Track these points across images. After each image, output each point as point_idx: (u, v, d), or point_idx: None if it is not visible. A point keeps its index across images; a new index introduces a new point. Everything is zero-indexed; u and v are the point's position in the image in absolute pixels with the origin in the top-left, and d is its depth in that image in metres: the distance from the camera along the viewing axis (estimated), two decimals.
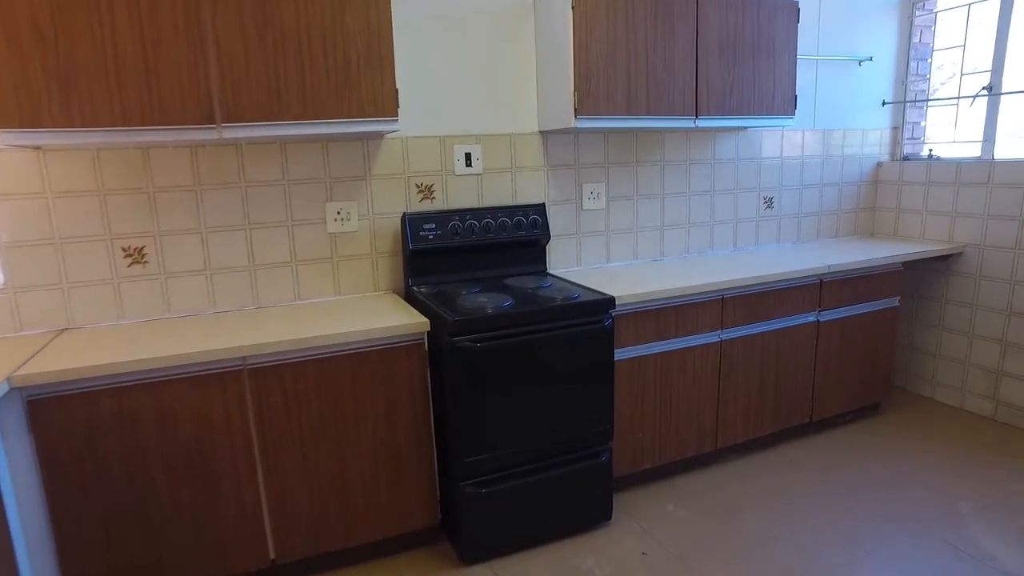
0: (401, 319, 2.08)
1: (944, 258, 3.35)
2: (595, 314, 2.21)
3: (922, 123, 3.65)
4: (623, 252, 3.01)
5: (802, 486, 2.67)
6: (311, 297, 2.45)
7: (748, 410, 2.84)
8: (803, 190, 3.46)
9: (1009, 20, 3.16)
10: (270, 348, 1.88)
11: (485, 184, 2.67)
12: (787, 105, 2.87)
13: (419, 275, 2.50)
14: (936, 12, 3.50)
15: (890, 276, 3.13)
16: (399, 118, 2.14)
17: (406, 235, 2.43)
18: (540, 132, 2.72)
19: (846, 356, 3.08)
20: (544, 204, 2.68)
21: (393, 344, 2.05)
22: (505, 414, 2.13)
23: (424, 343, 2.09)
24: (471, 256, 2.58)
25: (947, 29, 3.45)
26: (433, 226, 2.46)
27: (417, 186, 2.55)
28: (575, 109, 2.38)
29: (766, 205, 3.36)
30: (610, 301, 2.24)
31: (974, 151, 3.36)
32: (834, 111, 3.45)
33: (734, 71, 2.70)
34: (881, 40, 3.54)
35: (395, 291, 2.57)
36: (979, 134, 3.32)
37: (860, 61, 3.46)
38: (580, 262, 2.92)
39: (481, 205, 2.66)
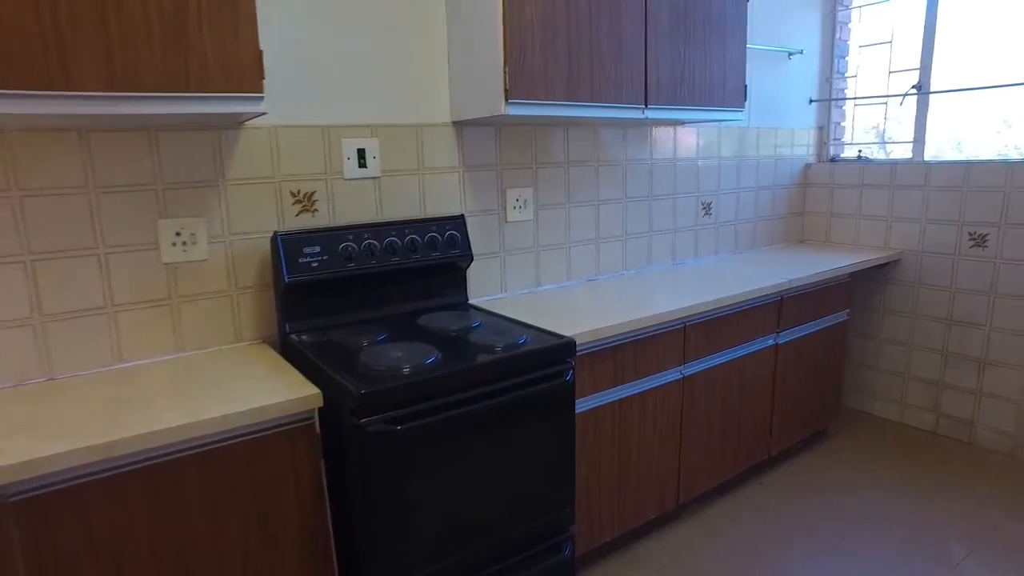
0: (278, 391, 1.40)
1: (881, 266, 3.14)
2: (552, 364, 1.65)
3: (842, 123, 3.44)
4: (555, 272, 2.48)
5: (770, 539, 2.27)
6: (139, 357, 1.69)
7: (710, 454, 2.40)
8: (740, 194, 3.11)
9: (935, 15, 2.98)
10: (52, 464, 1.14)
11: (385, 191, 2.03)
12: (737, 96, 2.47)
13: (300, 317, 1.81)
14: (861, 8, 3.29)
15: (841, 288, 2.84)
16: (264, 96, 1.46)
17: (279, 262, 1.73)
18: (454, 123, 2.12)
19: (802, 379, 2.74)
20: (463, 216, 2.09)
21: (267, 431, 1.37)
22: (434, 516, 1.51)
23: (315, 423, 1.43)
24: (371, 288, 1.93)
25: (874, 24, 3.25)
26: (317, 249, 1.78)
27: (293, 194, 1.87)
28: (505, 91, 1.81)
29: (704, 212, 2.97)
30: (569, 346, 1.69)
31: (905, 152, 3.18)
32: (766, 107, 3.14)
33: (685, 52, 2.25)
34: (809, 32, 3.29)
35: (266, 340, 1.86)
36: (910, 134, 3.13)
37: (790, 54, 3.17)
38: (506, 287, 2.35)
39: (381, 219, 2.02)
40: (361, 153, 1.95)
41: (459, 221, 2.06)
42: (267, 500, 1.39)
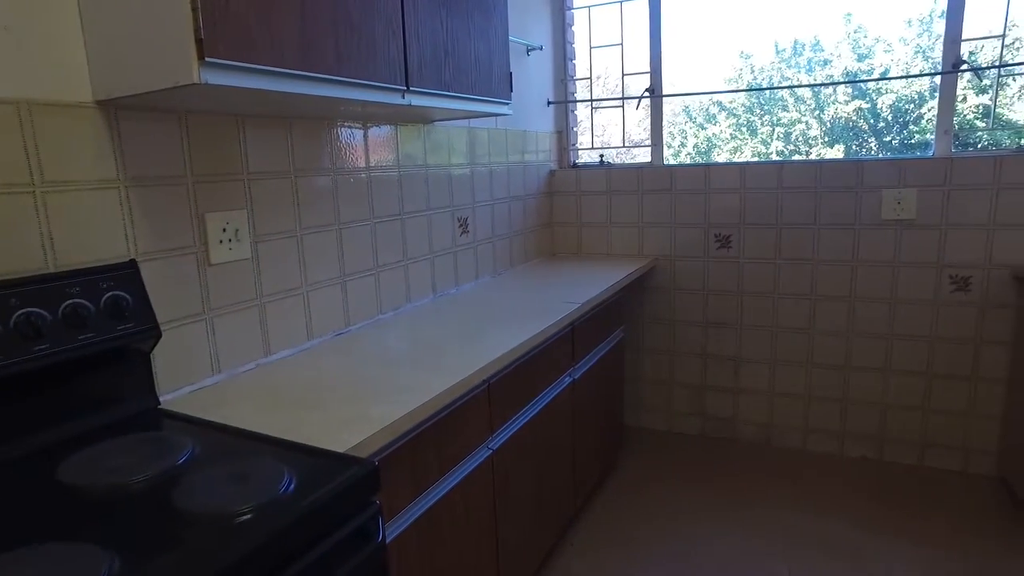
0: None
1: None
2: (350, 516, 0.93)
3: (575, 128, 3.28)
4: (291, 331, 1.71)
5: None
6: None
7: (526, 536, 1.89)
8: (495, 206, 2.68)
9: (659, 18, 2.94)
10: None
11: None
12: (503, 86, 2.01)
13: None
14: (590, 8, 3.13)
15: (617, 305, 2.58)
16: None
17: None
18: (101, 104, 1.24)
19: (593, 413, 2.41)
20: (134, 262, 1.23)
21: None
22: None
23: None
24: None
25: (606, 25, 3.11)
26: None
27: None
28: (198, 44, 1.03)
29: (462, 229, 2.46)
30: (370, 476, 0.98)
31: (645, 156, 3.10)
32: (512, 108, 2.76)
33: (449, 22, 1.69)
34: (545, 29, 3.02)
35: None
36: (647, 138, 3.06)
37: (529, 49, 2.86)
38: (220, 366, 1.51)
39: None
40: None
41: (127, 272, 1.20)
42: None
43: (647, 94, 2.99)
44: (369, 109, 1.70)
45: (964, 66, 2.50)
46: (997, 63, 2.53)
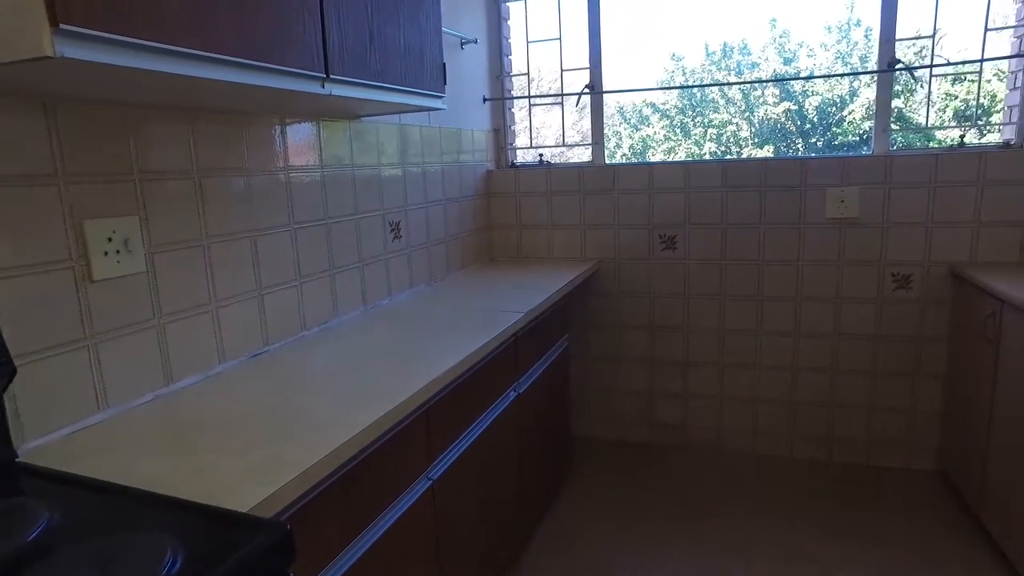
0: None
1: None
2: None
3: (512, 127, 3.13)
4: (198, 355, 1.49)
5: None
6: None
7: (473, 570, 1.73)
8: (429, 209, 2.50)
9: (598, 11, 2.84)
10: None
11: None
12: (436, 77, 1.84)
13: None
14: (525, 0, 2.99)
15: (560, 312, 2.45)
16: None
17: None
18: None
19: (540, 428, 2.27)
20: None
21: None
22: None
23: None
24: None
25: (544, 19, 2.97)
26: None
27: None
28: (49, 7, 0.82)
29: (394, 235, 2.28)
30: (283, 543, 0.79)
31: (586, 155, 2.99)
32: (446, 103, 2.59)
33: (374, 6, 1.51)
34: (480, 21, 2.87)
35: None
36: (588, 136, 2.95)
37: (463, 42, 2.69)
38: (107, 401, 1.28)
39: None
40: None
41: None
42: None
43: (587, 90, 2.88)
44: (286, 100, 1.50)
45: (899, 65, 2.49)
46: (929, 63, 2.54)
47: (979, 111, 2.59)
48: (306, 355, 1.65)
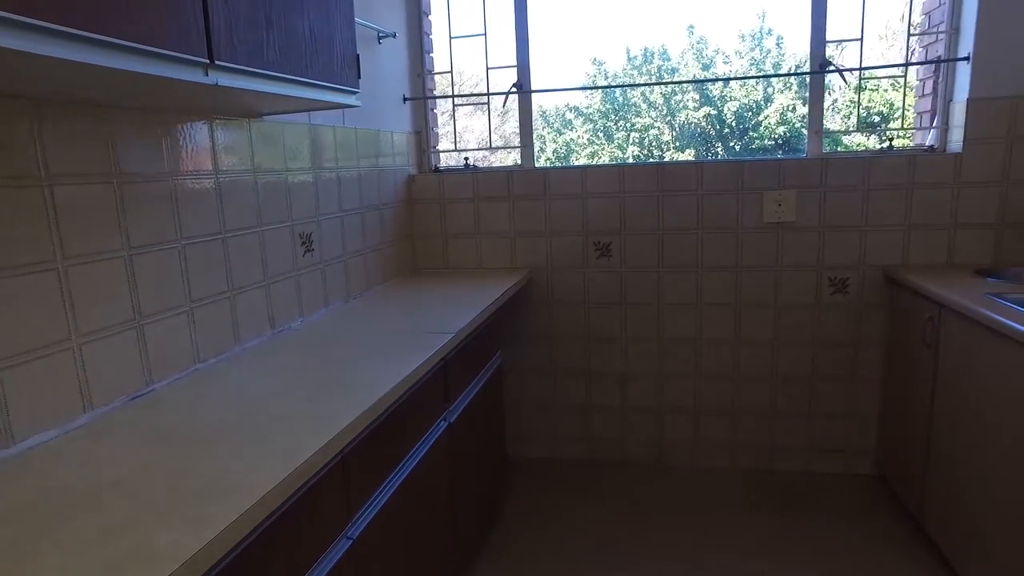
0: None
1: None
2: None
3: (435, 129, 2.93)
4: (53, 405, 1.20)
5: None
6: None
7: None
8: (344, 218, 2.26)
9: (525, 7, 2.67)
10: None
11: None
12: (348, 70, 1.62)
13: None
14: None
15: (493, 327, 2.27)
16: None
17: None
18: None
19: (474, 455, 2.08)
20: None
21: None
22: None
23: None
24: None
25: (467, 14, 2.77)
26: None
27: None
28: None
29: (305, 247, 2.03)
30: None
31: (514, 159, 2.82)
32: (361, 102, 2.36)
33: None
34: (398, 15, 2.64)
35: None
36: (515, 139, 2.78)
37: (380, 36, 2.46)
38: None
39: None
40: None
41: None
42: None
43: (515, 89, 2.71)
44: (166, 93, 1.24)
45: (830, 68, 2.46)
46: (859, 66, 2.52)
47: (892, 117, 2.59)
48: (199, 394, 1.39)
